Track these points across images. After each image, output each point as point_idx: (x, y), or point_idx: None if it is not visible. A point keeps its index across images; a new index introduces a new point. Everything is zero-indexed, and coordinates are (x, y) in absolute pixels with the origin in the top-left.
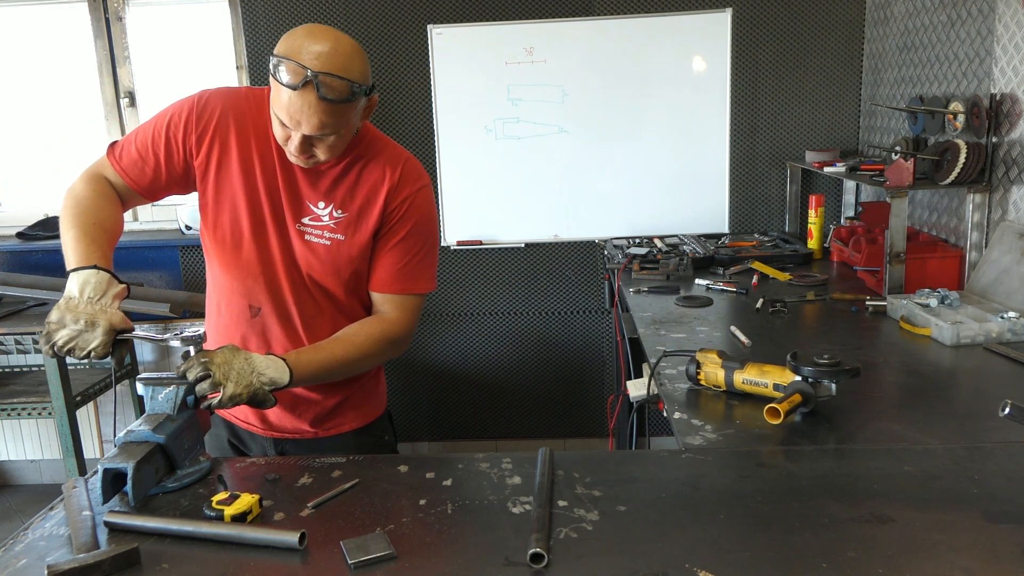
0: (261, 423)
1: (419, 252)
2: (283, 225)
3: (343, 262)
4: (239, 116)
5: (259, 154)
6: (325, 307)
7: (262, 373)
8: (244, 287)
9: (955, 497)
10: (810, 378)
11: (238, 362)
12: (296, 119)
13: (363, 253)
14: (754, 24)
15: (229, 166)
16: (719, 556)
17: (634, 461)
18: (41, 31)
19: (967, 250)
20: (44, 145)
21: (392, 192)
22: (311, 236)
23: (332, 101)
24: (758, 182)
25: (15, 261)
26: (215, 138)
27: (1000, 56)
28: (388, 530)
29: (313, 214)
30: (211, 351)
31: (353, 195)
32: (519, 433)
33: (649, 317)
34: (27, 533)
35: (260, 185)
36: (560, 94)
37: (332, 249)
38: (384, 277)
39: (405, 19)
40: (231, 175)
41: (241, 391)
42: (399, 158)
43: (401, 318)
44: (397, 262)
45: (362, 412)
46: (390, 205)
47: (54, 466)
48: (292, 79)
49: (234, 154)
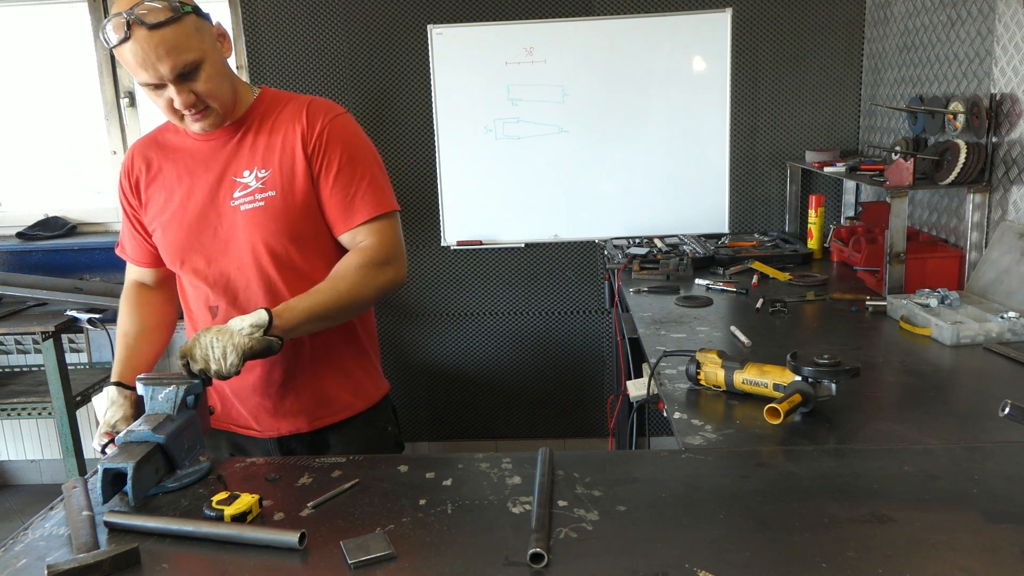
0: (258, 425)
1: (362, 177)
2: (219, 211)
3: (285, 219)
4: (144, 152)
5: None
6: (289, 278)
7: (240, 328)
8: (198, 293)
9: (955, 497)
10: (810, 378)
11: (207, 338)
12: (150, 64)
13: (305, 204)
14: (754, 24)
15: (153, 194)
16: (719, 556)
17: (634, 461)
18: (41, 31)
19: (967, 250)
20: (44, 145)
21: (306, 132)
22: (245, 204)
23: (160, 25)
24: (758, 182)
25: (15, 261)
26: (139, 183)
27: (1000, 56)
28: (388, 530)
29: (241, 184)
30: (185, 346)
31: (270, 150)
32: (519, 433)
33: (649, 317)
34: (27, 533)
35: (184, 189)
36: (560, 94)
37: (268, 209)
38: (337, 215)
39: (405, 19)
40: (159, 199)
41: (224, 360)
42: (304, 100)
43: (375, 242)
44: (343, 195)
45: (358, 394)
46: (308, 145)
47: (54, 466)
48: (118, 32)
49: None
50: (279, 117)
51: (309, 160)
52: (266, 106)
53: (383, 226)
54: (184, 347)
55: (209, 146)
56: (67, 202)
